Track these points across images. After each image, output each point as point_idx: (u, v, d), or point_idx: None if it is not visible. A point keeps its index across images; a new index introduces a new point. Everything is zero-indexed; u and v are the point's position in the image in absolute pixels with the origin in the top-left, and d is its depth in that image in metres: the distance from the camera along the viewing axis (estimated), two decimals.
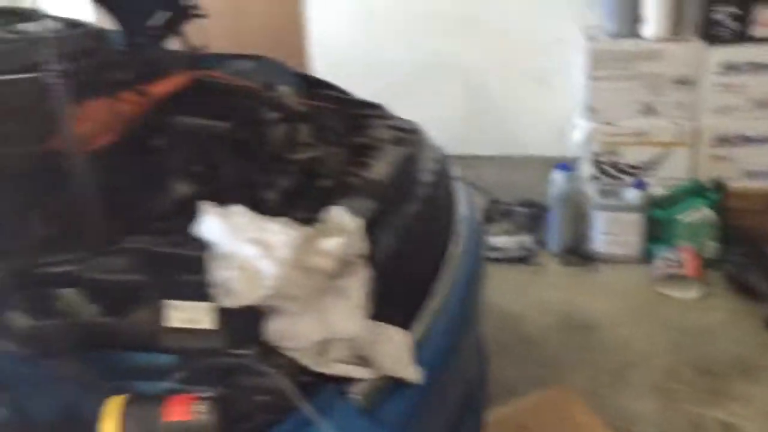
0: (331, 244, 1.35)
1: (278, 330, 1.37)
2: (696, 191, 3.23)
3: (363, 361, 1.43)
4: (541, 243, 3.52)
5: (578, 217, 3.46)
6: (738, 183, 3.25)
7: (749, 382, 2.66)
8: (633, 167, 3.34)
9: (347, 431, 1.32)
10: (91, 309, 1.42)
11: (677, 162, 3.31)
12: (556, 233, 3.47)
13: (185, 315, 1.40)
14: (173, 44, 2.70)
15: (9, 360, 1.23)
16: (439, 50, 3.65)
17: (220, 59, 2.63)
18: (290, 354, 1.38)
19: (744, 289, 3.03)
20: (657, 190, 3.29)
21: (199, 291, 1.41)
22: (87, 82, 2.11)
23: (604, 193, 3.35)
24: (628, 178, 3.35)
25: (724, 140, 3.26)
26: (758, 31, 3.10)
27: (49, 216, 1.72)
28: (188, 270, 1.41)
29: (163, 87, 2.23)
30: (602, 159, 3.36)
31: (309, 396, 1.31)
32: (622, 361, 2.81)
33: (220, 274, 1.34)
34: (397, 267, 1.57)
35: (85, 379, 1.32)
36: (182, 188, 2.17)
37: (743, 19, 3.09)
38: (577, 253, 3.45)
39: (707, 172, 3.29)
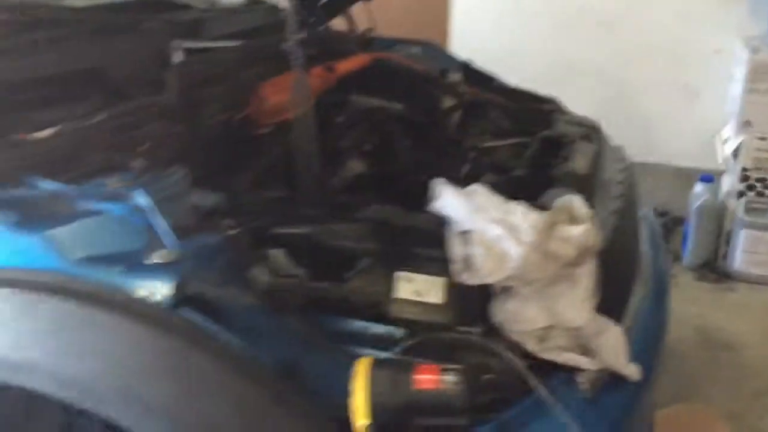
0: (574, 231, 1.34)
1: (506, 312, 1.38)
2: None
3: (584, 351, 1.42)
4: (674, 254, 3.45)
5: (717, 232, 3.38)
6: None
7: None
8: None
9: (575, 419, 1.32)
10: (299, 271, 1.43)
11: None
12: (692, 246, 3.39)
13: (415, 287, 1.41)
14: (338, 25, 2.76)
15: (249, 311, 1.25)
16: (582, 52, 3.61)
17: (389, 42, 2.67)
18: (515, 337, 1.38)
19: None
20: None
21: (431, 265, 1.43)
22: (283, 55, 2.17)
23: (750, 209, 3.26)
24: None
25: None
26: None
27: (278, 179, 1.78)
28: (423, 243, 1.43)
29: (348, 65, 2.28)
30: (751, 174, 3.26)
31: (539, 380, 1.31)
32: (765, 384, 2.73)
33: (460, 250, 1.36)
34: (607, 262, 1.56)
35: (312, 337, 1.35)
36: (360, 166, 2.22)
37: None
38: (713, 269, 3.37)
39: None
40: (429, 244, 1.42)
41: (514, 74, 2.54)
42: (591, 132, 2.11)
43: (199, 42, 1.91)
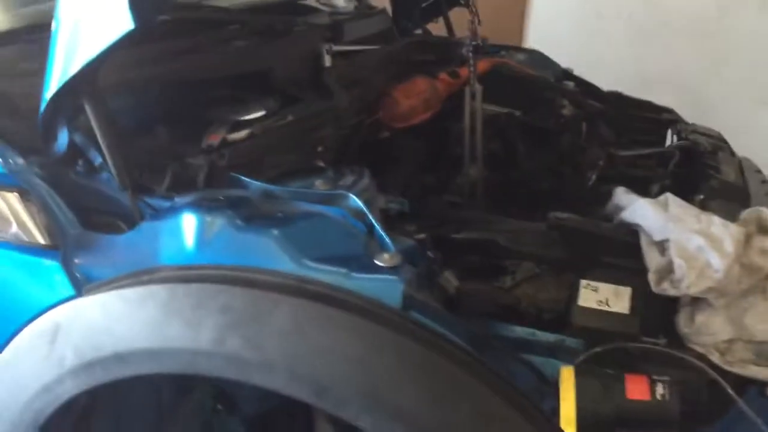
0: None
1: (693, 324, 1.39)
2: None
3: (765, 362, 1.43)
4: None
5: None
6: None
7: None
8: None
9: None
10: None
11: None
12: None
13: (599, 296, 1.43)
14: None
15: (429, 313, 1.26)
16: (664, 63, 3.62)
17: (494, 48, 2.69)
18: (698, 349, 1.39)
19: None
20: None
21: (617, 274, 1.44)
22: (409, 60, 2.20)
23: None
24: None
25: None
26: None
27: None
28: (613, 253, 1.44)
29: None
30: None
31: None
32: None
33: (657, 260, 1.37)
34: None
35: (495, 343, 1.36)
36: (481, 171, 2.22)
37: None
38: None
39: None
40: (617, 253, 1.44)
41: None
42: (721, 143, 2.13)
43: (344, 46, 1.93)
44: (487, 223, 1.51)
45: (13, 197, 1.30)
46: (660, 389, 1.25)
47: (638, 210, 1.41)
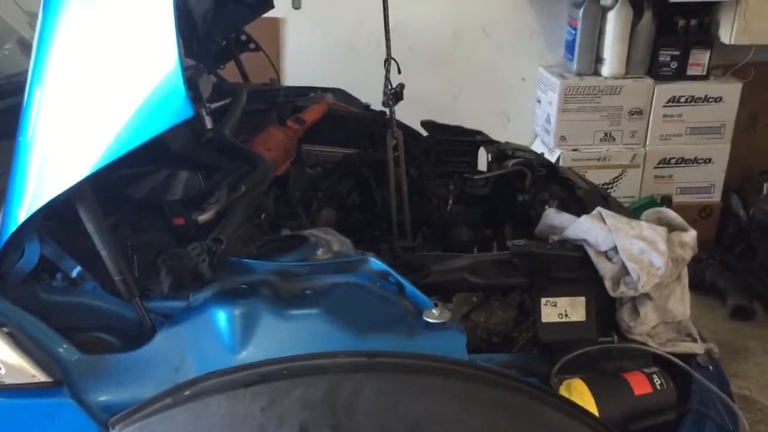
0: (688, 237, 1.63)
1: (631, 317, 1.63)
2: (650, 206, 3.83)
3: (689, 338, 1.71)
4: None
5: None
6: (675, 198, 3.93)
7: (740, 362, 3.26)
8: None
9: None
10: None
11: (630, 181, 3.92)
12: None
13: (560, 309, 1.60)
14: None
15: None
16: (414, 86, 3.95)
17: (301, 89, 2.76)
18: (638, 338, 1.64)
19: (702, 287, 3.67)
20: None
21: (572, 287, 1.62)
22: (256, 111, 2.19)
23: None
24: None
25: (665, 162, 3.93)
26: (692, 70, 3.80)
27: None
28: (563, 268, 1.61)
29: (311, 115, 2.35)
30: None
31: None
32: None
33: (610, 267, 1.57)
34: None
35: None
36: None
37: (682, 61, 3.78)
38: None
39: (650, 190, 3.94)
40: (567, 268, 1.61)
41: None
42: (540, 156, 2.44)
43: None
44: (446, 263, 1.58)
45: None
46: (657, 380, 1.45)
47: (581, 226, 1.60)
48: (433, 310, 1.22)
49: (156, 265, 1.18)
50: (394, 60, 2.11)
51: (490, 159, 2.56)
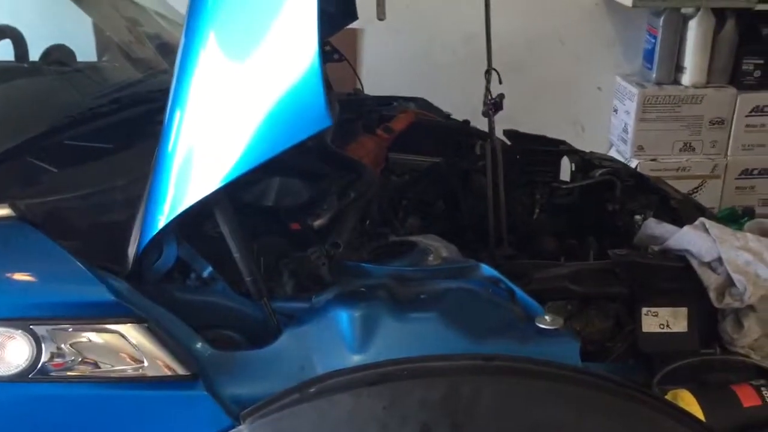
0: None
1: (739, 329, 1.63)
2: (732, 218, 3.80)
3: None
4: None
5: None
6: (757, 210, 3.87)
7: None
8: None
9: None
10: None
11: (710, 193, 3.87)
12: None
13: (661, 320, 1.62)
14: None
15: None
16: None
17: (385, 99, 2.82)
18: (740, 351, 1.64)
19: None
20: None
21: (674, 297, 1.63)
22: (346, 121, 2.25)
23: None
24: None
25: (747, 173, 3.87)
26: None
27: None
28: (665, 278, 1.62)
29: (399, 124, 2.40)
30: None
31: None
32: None
33: (715, 278, 1.58)
34: None
35: None
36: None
37: (766, 69, 3.73)
38: None
39: (731, 201, 3.89)
40: (669, 278, 1.62)
41: None
42: (627, 166, 2.45)
43: None
44: (547, 271, 1.61)
45: (129, 328, 1.14)
46: (766, 392, 1.45)
47: (685, 237, 1.62)
48: (546, 317, 1.25)
49: (278, 268, 1.25)
50: (496, 70, 2.15)
51: (573, 169, 2.58)
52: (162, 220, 1.15)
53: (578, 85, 4.10)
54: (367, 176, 1.61)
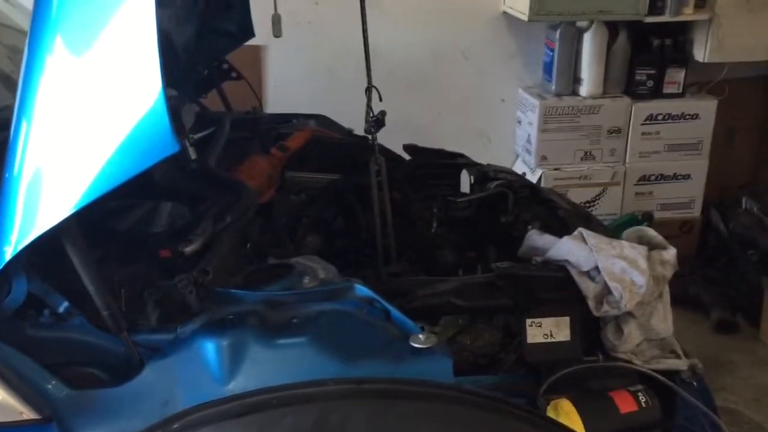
0: (668, 255, 1.66)
1: (615, 336, 1.65)
2: (631, 223, 3.88)
3: (672, 354, 1.73)
4: None
5: None
6: (656, 214, 3.97)
7: (725, 375, 3.28)
8: None
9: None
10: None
11: (612, 199, 3.96)
12: None
13: (545, 330, 1.62)
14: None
15: None
16: (396, 110, 3.98)
17: (284, 116, 2.78)
18: (622, 356, 1.66)
19: (685, 302, 3.69)
20: None
21: (556, 307, 1.64)
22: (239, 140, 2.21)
23: None
24: None
25: (645, 179, 3.97)
26: (669, 88, 3.87)
27: None
28: (547, 289, 1.63)
29: (295, 142, 2.36)
30: None
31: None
32: None
33: (593, 287, 1.59)
34: None
35: None
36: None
37: (658, 79, 3.84)
38: None
39: (631, 207, 3.98)
40: (551, 288, 1.63)
41: None
42: (522, 178, 2.46)
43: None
44: (432, 287, 1.59)
45: None
46: (642, 397, 1.47)
47: (563, 247, 1.62)
48: (420, 335, 1.23)
49: (143, 298, 1.19)
50: (375, 88, 2.13)
51: (472, 181, 2.59)
52: (8, 252, 1.07)
53: (483, 98, 4.13)
54: (247, 198, 1.56)
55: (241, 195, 1.59)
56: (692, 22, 3.77)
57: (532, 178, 4.01)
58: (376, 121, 2.00)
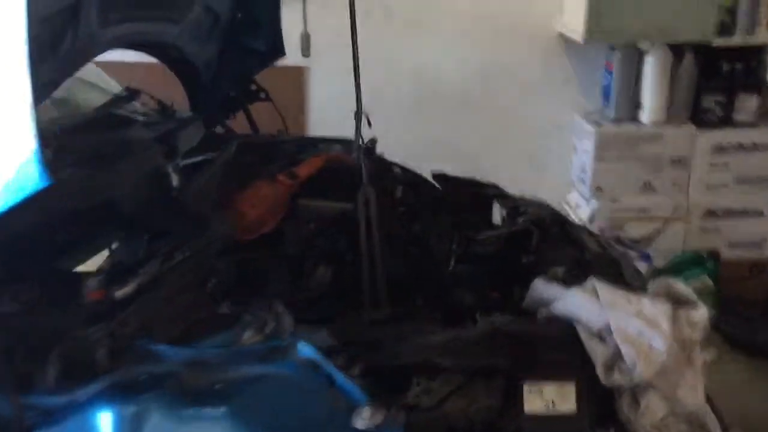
0: (697, 315, 1.40)
1: (636, 407, 1.39)
2: (695, 261, 3.55)
3: (700, 428, 1.46)
4: None
5: None
6: (723, 253, 3.62)
7: None
8: (635, 241, 3.61)
9: None
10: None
11: (673, 235, 3.63)
12: None
13: (547, 398, 1.38)
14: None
15: None
16: (441, 133, 3.79)
17: (311, 140, 2.62)
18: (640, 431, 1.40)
19: (753, 351, 3.34)
20: (657, 261, 3.57)
21: (560, 370, 1.40)
22: (240, 164, 2.04)
23: None
24: (630, 252, 3.61)
25: (712, 214, 3.63)
26: (739, 116, 3.53)
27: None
28: (551, 349, 1.39)
29: (307, 169, 2.19)
30: (606, 234, 3.59)
31: None
32: None
33: (602, 351, 1.35)
34: None
35: None
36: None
37: (728, 106, 3.51)
38: None
39: (697, 243, 3.64)
40: (554, 349, 1.39)
41: None
42: (556, 212, 2.22)
43: (189, 158, 1.70)
44: (417, 339, 1.38)
45: None
46: None
47: (572, 300, 1.39)
48: (364, 411, 1.02)
49: (45, 352, 1.02)
50: (365, 114, 1.94)
51: (504, 214, 2.36)
52: None
53: (535, 123, 3.87)
54: (211, 233, 1.39)
55: (204, 230, 1.42)
56: (765, 45, 3.44)
57: (586, 210, 3.73)
58: (367, 150, 1.81)
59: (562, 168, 3.91)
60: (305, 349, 1.04)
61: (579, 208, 3.76)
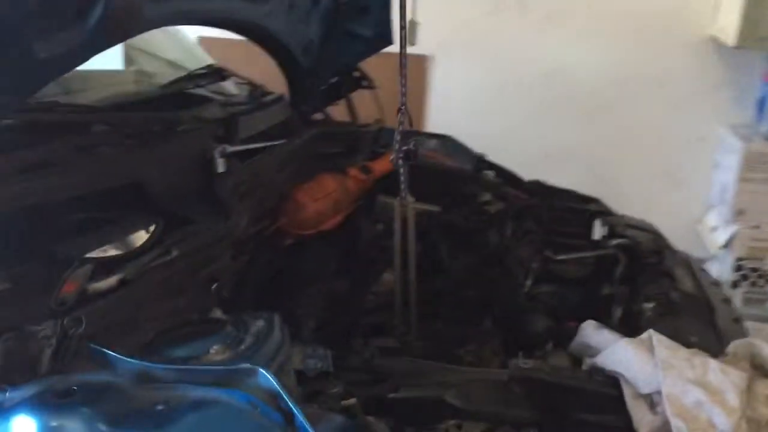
0: None
1: None
2: None
3: None
4: None
5: None
6: None
7: None
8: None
9: None
10: None
11: None
12: None
13: None
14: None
15: None
16: (567, 138, 3.51)
17: (407, 134, 2.45)
18: None
19: None
20: None
21: None
22: (314, 154, 1.90)
23: (749, 301, 3.17)
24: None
25: None
26: None
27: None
28: (587, 408, 1.17)
29: (382, 165, 2.04)
30: (745, 264, 3.19)
31: None
32: None
33: (649, 420, 1.10)
34: None
35: None
36: None
37: None
38: None
39: None
40: (592, 408, 1.16)
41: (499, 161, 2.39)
42: (659, 238, 1.94)
43: (240, 145, 1.60)
44: (429, 375, 1.20)
45: None
46: None
47: (618, 354, 1.15)
48: None
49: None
50: (407, 110, 1.75)
51: (605, 233, 2.10)
52: None
53: (675, 134, 3.49)
54: (216, 230, 1.25)
55: (220, 223, 1.30)
56: None
57: (723, 234, 3.32)
58: (407, 153, 1.62)
59: (701, 186, 3.51)
60: (267, 379, 0.90)
61: (715, 232, 3.36)
